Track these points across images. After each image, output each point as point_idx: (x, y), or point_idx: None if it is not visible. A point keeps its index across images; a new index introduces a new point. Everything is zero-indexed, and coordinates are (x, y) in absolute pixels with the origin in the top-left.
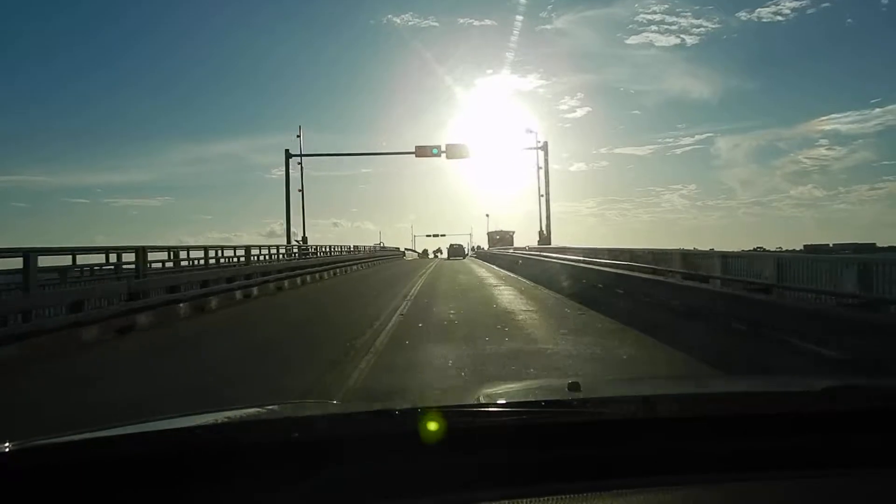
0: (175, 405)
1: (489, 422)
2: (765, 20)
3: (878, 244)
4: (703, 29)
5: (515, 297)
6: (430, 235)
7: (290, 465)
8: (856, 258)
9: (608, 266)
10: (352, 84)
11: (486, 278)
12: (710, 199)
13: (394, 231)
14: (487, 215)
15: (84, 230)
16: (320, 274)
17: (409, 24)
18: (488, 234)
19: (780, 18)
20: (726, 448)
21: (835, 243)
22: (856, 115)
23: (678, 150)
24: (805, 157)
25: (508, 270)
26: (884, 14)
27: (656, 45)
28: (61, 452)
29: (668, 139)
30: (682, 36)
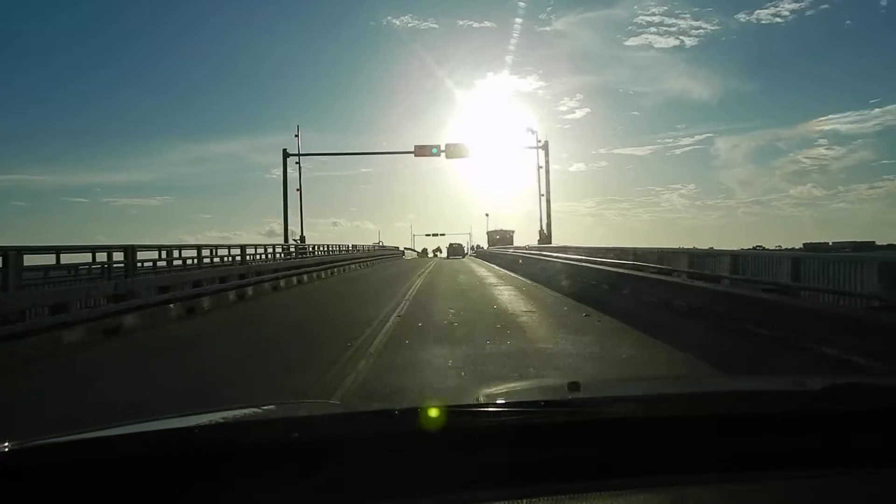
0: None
1: (489, 422)
2: (764, 22)
3: (878, 242)
4: (702, 30)
5: (516, 297)
6: (429, 235)
7: (290, 465)
8: (874, 257)
9: (611, 266)
10: (352, 85)
11: (485, 277)
12: (709, 199)
13: (393, 230)
14: (487, 215)
15: (84, 229)
16: (317, 273)
17: (409, 25)
18: (488, 233)
19: (779, 20)
20: (726, 448)
21: (834, 242)
22: (855, 116)
23: (678, 151)
24: (804, 157)
25: (508, 270)
26: (882, 15)
27: (655, 46)
28: (61, 452)
29: (667, 140)
30: (681, 37)
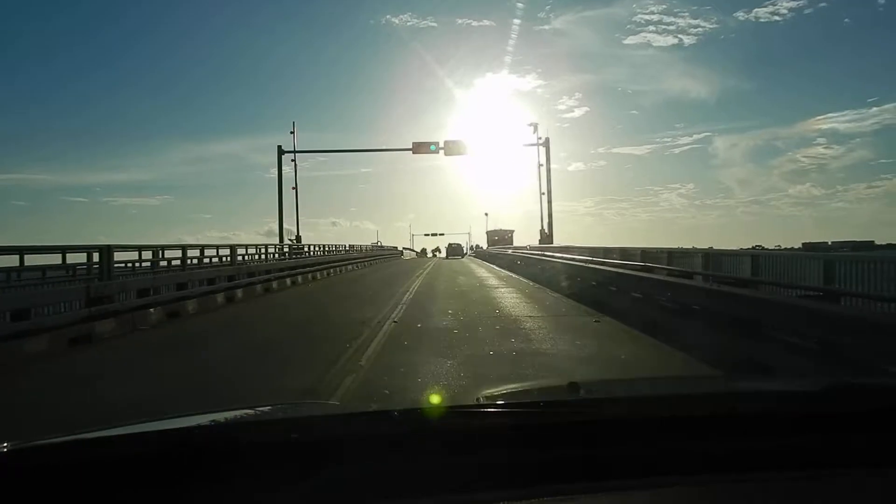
0: None
1: (489, 422)
2: (762, 20)
3: (877, 242)
4: (700, 29)
5: (519, 301)
6: (428, 234)
7: (290, 466)
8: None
9: (617, 266)
10: (351, 84)
11: (485, 279)
12: (708, 199)
13: (393, 230)
14: (486, 214)
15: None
16: (313, 274)
17: (408, 24)
18: (487, 233)
19: (777, 18)
20: (727, 448)
21: (833, 241)
22: (853, 115)
23: (676, 150)
24: (803, 156)
25: (509, 270)
26: (881, 14)
27: (654, 45)
28: (60, 452)
29: (666, 139)
30: (679, 36)
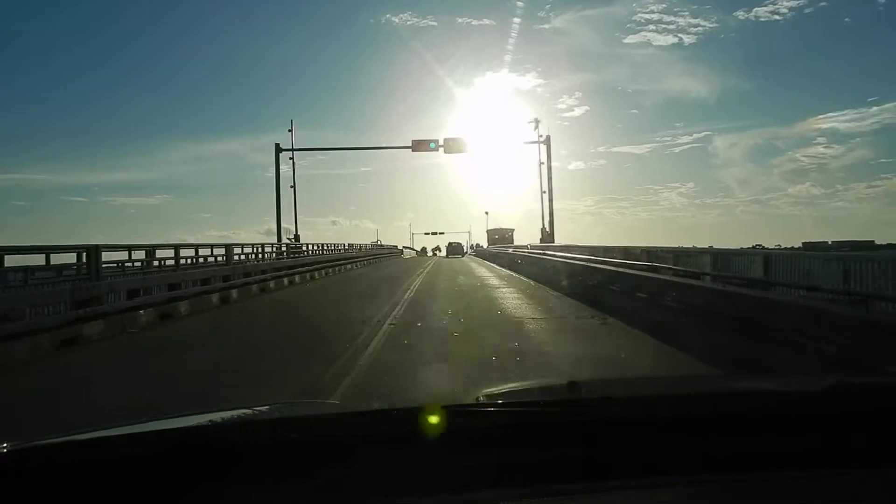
0: None
1: (488, 421)
2: (762, 19)
3: (877, 241)
4: (700, 28)
5: (521, 302)
6: (428, 233)
7: (290, 465)
8: None
9: (621, 266)
10: (351, 84)
11: (486, 278)
12: (708, 198)
13: (393, 229)
14: (486, 213)
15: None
16: (311, 274)
17: (408, 23)
18: (487, 231)
19: (777, 17)
20: (727, 448)
21: (833, 241)
22: (853, 114)
23: (676, 149)
24: (803, 156)
25: (510, 269)
26: (881, 13)
27: (654, 44)
28: (60, 453)
29: (666, 138)
30: (679, 35)
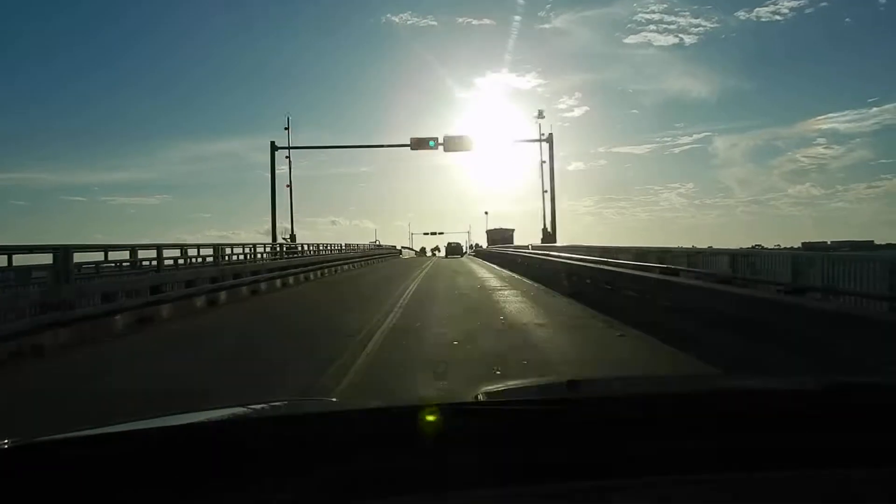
0: None
1: (488, 420)
2: (763, 20)
3: (876, 241)
4: (701, 28)
5: (525, 306)
6: (427, 233)
7: (289, 462)
8: None
9: (632, 268)
10: (351, 84)
11: (487, 280)
12: (708, 198)
13: (392, 229)
14: (486, 213)
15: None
16: (306, 275)
17: (408, 23)
18: (487, 231)
19: (778, 18)
20: (727, 447)
21: (832, 241)
22: (853, 114)
23: (676, 150)
24: (803, 156)
25: (511, 271)
26: (882, 14)
27: (655, 44)
28: (61, 450)
29: (666, 138)
30: (680, 35)
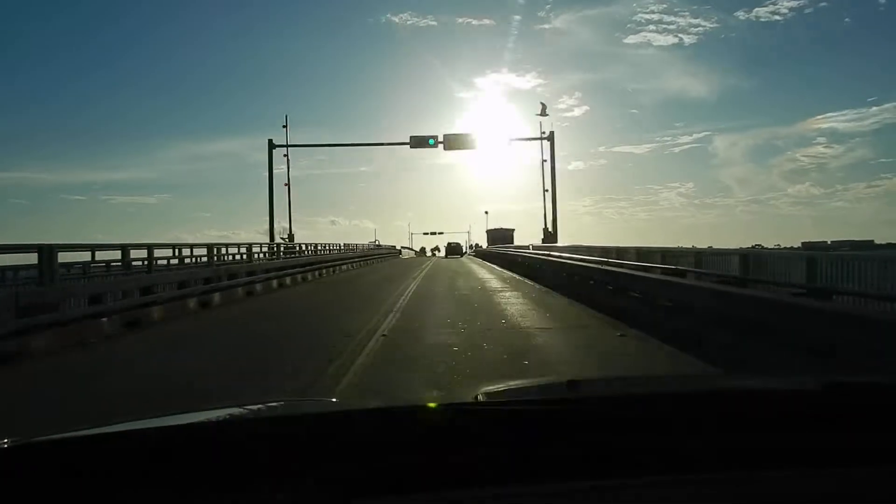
0: None
1: (487, 419)
2: (763, 19)
3: (876, 241)
4: (701, 28)
5: (527, 308)
6: (427, 233)
7: (289, 463)
8: None
9: (636, 269)
10: (352, 85)
11: (487, 281)
12: (707, 198)
13: (392, 229)
14: (486, 212)
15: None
16: (303, 275)
17: (408, 23)
18: (487, 231)
19: (777, 18)
20: (727, 447)
21: (832, 240)
22: (853, 114)
23: (676, 149)
24: (802, 156)
25: (511, 271)
26: (881, 13)
27: (654, 44)
28: (60, 450)
29: (666, 138)
30: (680, 35)
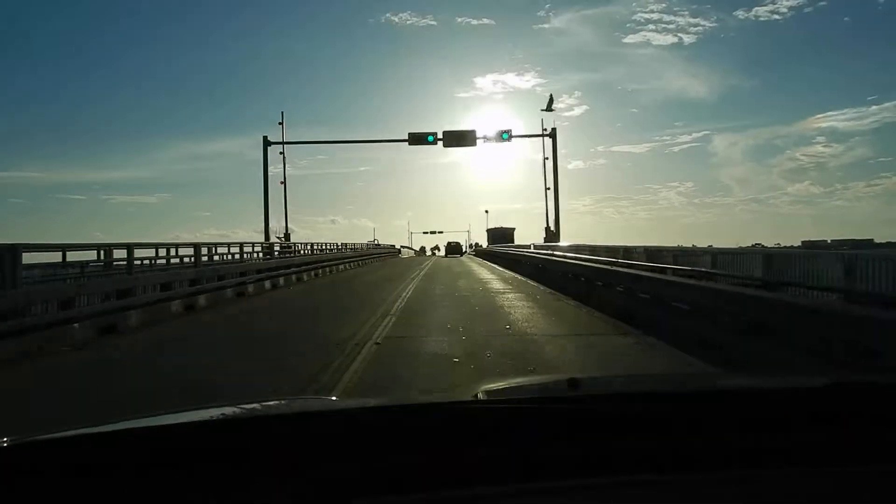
0: None
1: (487, 418)
2: (762, 19)
3: (876, 240)
4: (700, 28)
5: (532, 312)
6: (427, 233)
7: (288, 461)
8: None
9: (645, 270)
10: (351, 84)
11: (488, 281)
12: (707, 197)
13: (392, 228)
14: (486, 211)
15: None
16: (298, 276)
17: (408, 22)
18: (487, 231)
19: (777, 17)
20: (727, 446)
21: (832, 239)
22: (853, 113)
23: (676, 148)
24: (802, 155)
25: (513, 271)
26: (881, 12)
27: (654, 43)
28: (56, 449)
29: (665, 137)
30: (679, 35)
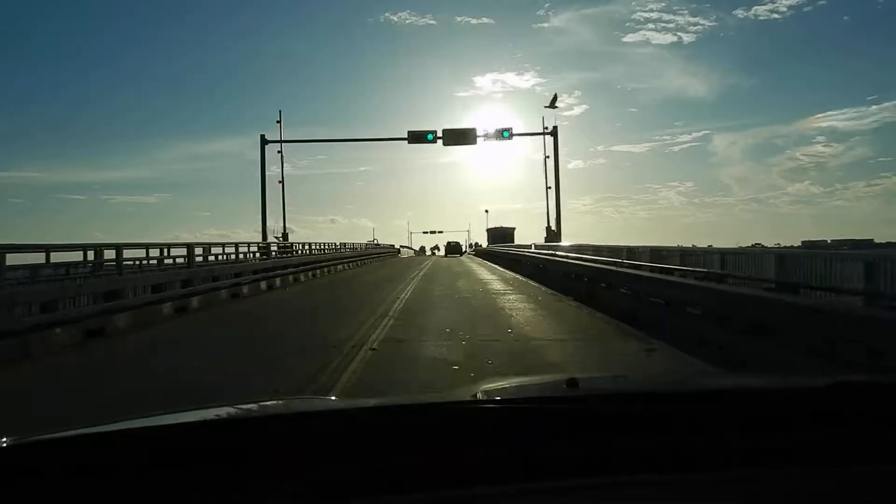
0: None
1: (487, 418)
2: (762, 18)
3: (876, 240)
4: (700, 27)
5: (534, 314)
6: (426, 232)
7: (288, 461)
8: None
9: (651, 270)
10: (351, 84)
11: (489, 282)
12: (707, 197)
13: (392, 228)
14: (486, 211)
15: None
16: (295, 276)
17: (407, 21)
18: (487, 230)
19: (776, 16)
20: (727, 446)
21: (832, 239)
22: (853, 112)
23: (675, 148)
24: (802, 154)
25: (514, 272)
26: (880, 12)
27: (653, 42)
28: (56, 449)
29: (665, 137)
30: (679, 34)
